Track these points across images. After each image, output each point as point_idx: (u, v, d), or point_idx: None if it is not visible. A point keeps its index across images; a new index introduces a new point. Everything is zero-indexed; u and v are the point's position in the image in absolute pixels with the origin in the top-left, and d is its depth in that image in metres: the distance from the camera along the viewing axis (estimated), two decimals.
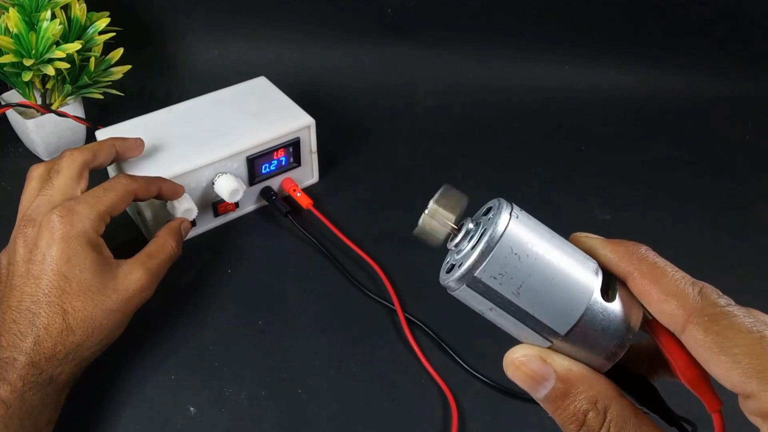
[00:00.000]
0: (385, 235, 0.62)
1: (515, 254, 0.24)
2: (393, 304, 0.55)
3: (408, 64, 0.86)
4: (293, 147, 0.62)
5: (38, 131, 0.65)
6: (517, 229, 0.24)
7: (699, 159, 0.76)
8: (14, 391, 0.39)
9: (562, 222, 0.66)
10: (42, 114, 0.64)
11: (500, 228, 0.24)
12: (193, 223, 0.60)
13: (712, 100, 0.84)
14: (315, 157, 0.66)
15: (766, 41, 0.85)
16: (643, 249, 0.25)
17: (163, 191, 0.53)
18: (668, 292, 0.24)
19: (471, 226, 0.26)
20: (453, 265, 0.25)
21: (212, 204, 0.60)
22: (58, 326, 0.42)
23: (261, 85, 0.68)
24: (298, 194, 0.63)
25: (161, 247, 0.50)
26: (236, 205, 0.62)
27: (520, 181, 0.71)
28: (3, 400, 0.39)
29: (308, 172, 0.67)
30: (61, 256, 0.43)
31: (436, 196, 0.27)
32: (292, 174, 0.64)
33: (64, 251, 0.43)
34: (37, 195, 0.47)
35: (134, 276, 0.46)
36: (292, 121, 0.62)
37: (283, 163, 0.63)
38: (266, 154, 0.60)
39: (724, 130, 0.81)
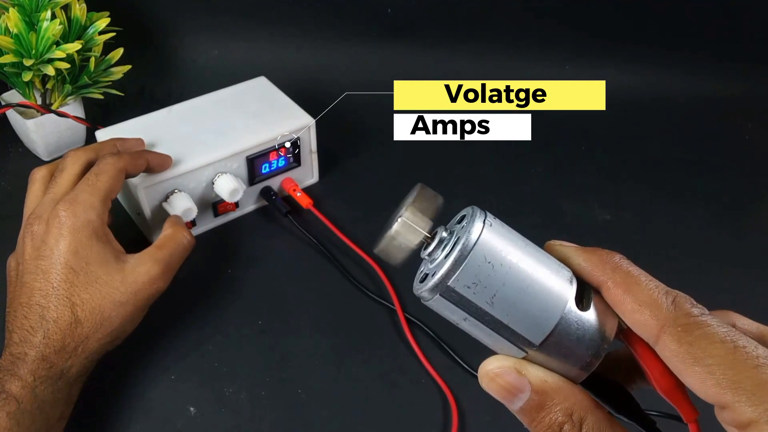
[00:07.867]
0: None
1: (489, 263, 0.23)
2: (393, 304, 0.55)
3: (408, 64, 0.85)
4: (293, 147, 0.62)
5: (38, 131, 0.65)
6: (491, 237, 0.24)
7: (698, 159, 0.76)
8: (25, 386, 0.39)
9: (562, 222, 0.66)
10: (42, 114, 0.64)
11: (473, 236, 0.24)
12: (193, 223, 0.60)
13: (712, 100, 0.84)
14: (315, 157, 0.66)
15: (766, 41, 0.85)
16: (617, 257, 0.25)
17: (151, 163, 0.53)
18: (641, 301, 0.23)
19: (444, 234, 0.25)
20: (427, 275, 0.25)
21: (212, 204, 0.60)
22: (67, 319, 0.42)
23: (261, 85, 0.68)
24: (298, 194, 0.63)
25: (171, 238, 0.50)
26: (236, 205, 0.62)
27: (520, 181, 0.71)
28: (14, 395, 0.39)
29: (308, 172, 0.67)
30: (69, 249, 0.43)
31: (409, 202, 0.26)
32: (292, 174, 0.64)
33: (71, 244, 0.43)
34: (42, 195, 0.47)
35: (143, 268, 0.46)
36: (292, 121, 0.62)
37: (283, 163, 0.63)
38: (266, 154, 0.61)
39: (724, 130, 0.81)
